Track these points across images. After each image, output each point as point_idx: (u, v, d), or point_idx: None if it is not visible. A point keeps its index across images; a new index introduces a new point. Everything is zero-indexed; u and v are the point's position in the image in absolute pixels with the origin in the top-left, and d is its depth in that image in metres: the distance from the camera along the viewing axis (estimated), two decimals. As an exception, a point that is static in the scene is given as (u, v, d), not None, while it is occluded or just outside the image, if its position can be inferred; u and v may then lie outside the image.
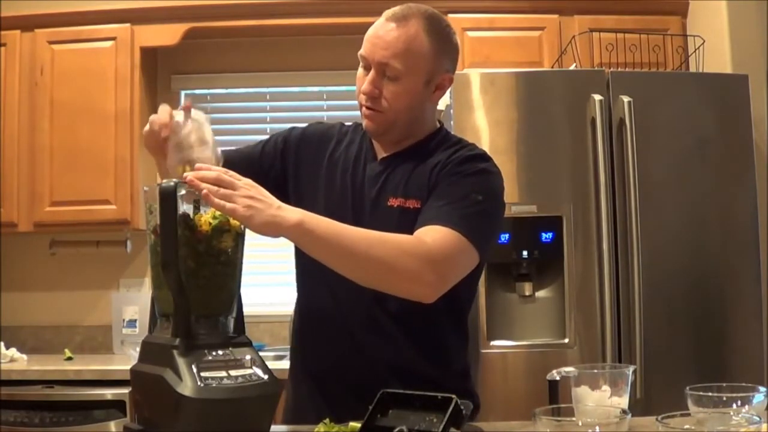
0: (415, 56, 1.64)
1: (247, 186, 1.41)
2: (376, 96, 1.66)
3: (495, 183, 1.69)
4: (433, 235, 1.54)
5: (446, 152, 1.71)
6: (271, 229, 1.40)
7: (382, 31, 1.65)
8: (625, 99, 2.83)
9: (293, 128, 1.87)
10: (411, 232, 1.57)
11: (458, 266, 1.58)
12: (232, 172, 1.41)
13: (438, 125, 1.81)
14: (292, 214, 1.43)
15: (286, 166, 1.81)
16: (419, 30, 1.64)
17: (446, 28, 1.71)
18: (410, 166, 1.72)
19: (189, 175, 1.38)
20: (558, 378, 1.57)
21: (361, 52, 1.68)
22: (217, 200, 1.35)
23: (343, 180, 1.75)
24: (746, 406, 1.29)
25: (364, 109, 1.70)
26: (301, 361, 1.81)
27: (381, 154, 1.77)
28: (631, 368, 1.50)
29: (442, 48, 1.68)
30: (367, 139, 1.80)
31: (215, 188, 1.36)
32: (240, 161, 1.71)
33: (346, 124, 1.89)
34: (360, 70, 1.70)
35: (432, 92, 1.71)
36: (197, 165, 1.42)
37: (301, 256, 1.76)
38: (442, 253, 1.53)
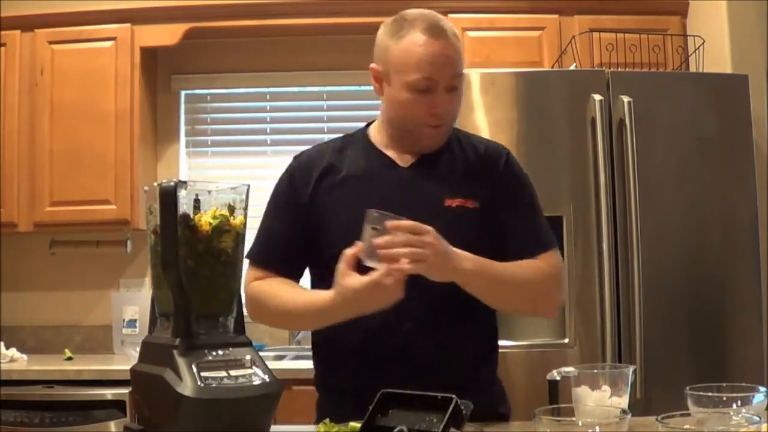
0: (463, 62, 1.74)
1: (433, 238, 1.53)
2: (447, 111, 1.72)
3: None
4: (549, 260, 1.77)
5: (476, 150, 1.80)
6: (447, 278, 1.58)
7: (441, 50, 1.68)
8: (625, 99, 2.83)
9: (281, 179, 1.86)
10: (471, 231, 1.71)
11: (566, 274, 1.89)
12: (417, 225, 1.53)
13: None
14: (464, 263, 1.59)
15: (300, 204, 1.79)
16: (455, 35, 1.72)
17: (450, 23, 1.77)
18: (448, 167, 1.77)
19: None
20: (558, 378, 1.57)
21: (420, 76, 1.67)
22: (408, 266, 1.50)
23: (372, 193, 1.73)
24: (746, 406, 1.29)
25: (428, 129, 1.72)
26: (333, 369, 1.83)
27: (400, 161, 1.77)
28: (631, 368, 1.50)
29: (461, 43, 1.76)
30: (374, 151, 1.79)
31: (407, 250, 1.50)
32: (298, 239, 1.78)
33: (329, 143, 1.87)
34: (408, 95, 1.69)
35: None
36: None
37: (327, 277, 1.71)
38: (562, 272, 1.81)
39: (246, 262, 1.73)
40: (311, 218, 1.77)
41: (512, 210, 1.77)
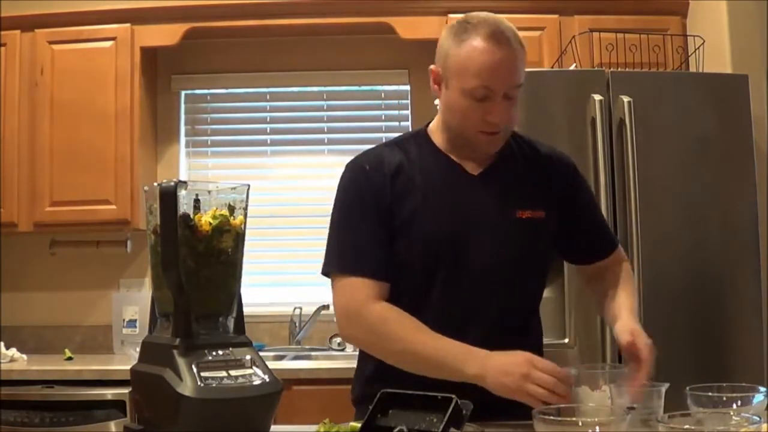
0: (525, 67, 1.73)
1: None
2: (505, 119, 1.70)
3: None
4: (620, 255, 1.92)
5: (542, 158, 1.83)
6: None
7: (503, 58, 1.65)
8: (625, 99, 2.83)
9: (353, 180, 1.76)
10: (540, 242, 1.77)
11: None
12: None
13: None
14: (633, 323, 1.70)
15: (382, 207, 1.72)
16: (517, 45, 1.69)
17: (515, 29, 1.73)
18: (516, 176, 1.78)
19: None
20: None
21: (479, 83, 1.64)
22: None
23: (443, 194, 1.72)
24: (746, 406, 1.29)
25: (484, 136, 1.70)
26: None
27: (470, 168, 1.76)
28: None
29: (525, 50, 1.74)
30: (439, 152, 1.77)
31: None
32: (387, 239, 1.70)
33: (392, 148, 1.79)
34: (466, 101, 1.66)
35: None
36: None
37: (406, 286, 1.71)
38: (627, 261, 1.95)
39: (334, 275, 1.68)
40: (393, 221, 1.70)
41: (582, 216, 1.85)
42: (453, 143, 1.77)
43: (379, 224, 1.69)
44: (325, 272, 1.73)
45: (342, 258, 1.70)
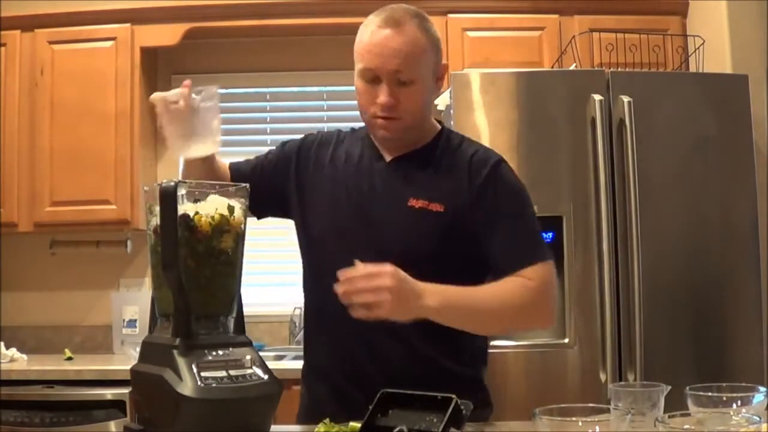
0: (422, 56, 1.68)
1: (391, 282, 1.47)
2: (393, 105, 1.68)
3: (524, 186, 1.80)
4: (534, 274, 1.68)
5: (463, 156, 1.75)
6: (415, 317, 1.53)
7: (383, 40, 1.66)
8: (625, 99, 2.83)
9: (288, 141, 1.93)
10: (430, 234, 1.69)
11: (555, 287, 1.78)
12: (371, 270, 1.49)
13: (437, 124, 1.84)
14: (428, 300, 1.54)
15: (287, 175, 1.85)
16: (415, 30, 1.67)
17: (428, 20, 1.74)
18: (426, 167, 1.75)
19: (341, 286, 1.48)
20: None
21: (365, 65, 1.69)
22: (365, 312, 1.47)
23: (350, 180, 1.78)
24: (746, 406, 1.29)
25: (378, 120, 1.71)
26: (314, 362, 1.82)
27: (387, 155, 1.79)
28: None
29: (434, 40, 1.72)
30: (369, 141, 1.81)
31: (364, 296, 1.47)
32: (250, 172, 1.84)
33: (343, 130, 1.93)
34: (360, 84, 1.72)
35: (436, 83, 1.76)
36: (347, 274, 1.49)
37: (311, 258, 1.81)
38: (548, 286, 1.72)
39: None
40: (294, 188, 1.83)
41: (491, 224, 1.70)
42: None
43: (270, 164, 1.87)
44: None
45: None
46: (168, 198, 1.33)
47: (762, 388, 1.32)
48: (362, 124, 1.84)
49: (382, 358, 1.70)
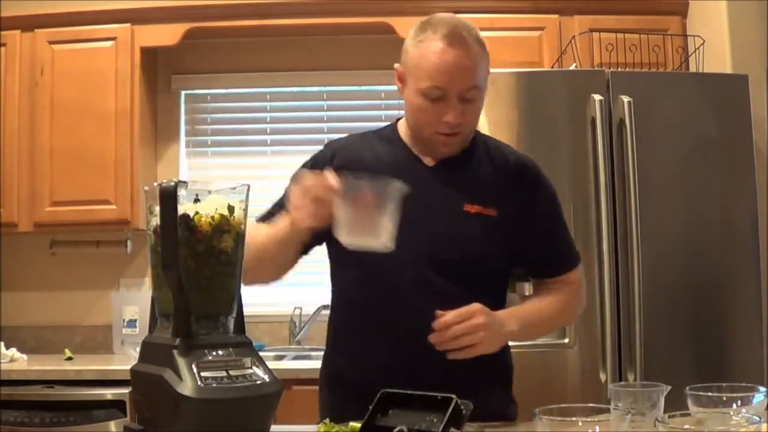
0: (485, 69, 1.72)
1: (483, 319, 1.57)
2: (460, 122, 1.68)
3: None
4: (573, 278, 1.85)
5: (504, 160, 1.79)
6: (502, 344, 1.67)
7: (456, 60, 1.65)
8: (625, 99, 2.83)
9: (318, 155, 1.88)
10: (488, 239, 1.73)
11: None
12: (463, 312, 1.56)
13: None
14: (510, 326, 1.66)
15: None
16: (477, 43, 1.68)
17: (478, 31, 1.73)
18: (470, 172, 1.76)
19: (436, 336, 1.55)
20: None
21: (433, 84, 1.65)
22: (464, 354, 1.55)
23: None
24: (746, 406, 1.29)
25: (441, 137, 1.70)
26: (344, 365, 1.79)
27: (427, 159, 1.77)
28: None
29: (487, 51, 1.74)
30: (402, 143, 1.79)
31: (462, 340, 1.55)
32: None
33: (360, 134, 1.89)
34: (422, 102, 1.68)
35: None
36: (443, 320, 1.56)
37: (358, 272, 1.75)
38: (582, 287, 1.88)
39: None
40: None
41: (535, 228, 1.78)
42: (414, 139, 1.79)
43: None
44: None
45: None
46: (168, 198, 1.33)
47: (762, 388, 1.32)
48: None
49: (435, 359, 1.65)
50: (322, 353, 1.92)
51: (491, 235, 1.73)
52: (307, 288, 3.67)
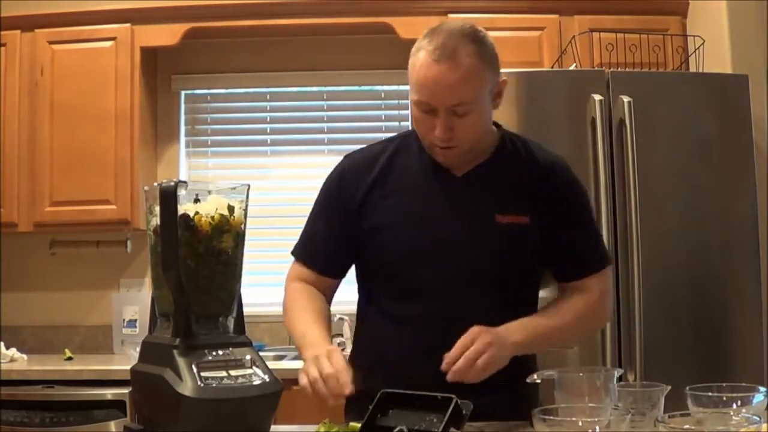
0: (478, 84, 1.61)
1: (488, 338, 1.54)
2: (450, 137, 1.64)
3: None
4: (595, 284, 1.77)
5: (533, 161, 1.76)
6: (511, 356, 1.60)
7: (438, 76, 1.57)
8: (625, 99, 2.83)
9: (330, 178, 1.84)
10: (521, 248, 1.71)
11: (612, 290, 1.89)
12: (465, 341, 1.54)
13: (495, 129, 1.80)
14: (514, 337, 1.61)
15: (349, 224, 1.77)
16: (470, 57, 1.59)
17: (484, 37, 1.64)
18: (499, 179, 1.73)
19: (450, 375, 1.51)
20: (539, 381, 1.56)
21: (419, 98, 1.62)
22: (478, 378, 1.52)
23: (420, 199, 1.72)
24: (746, 406, 1.29)
25: (436, 148, 1.68)
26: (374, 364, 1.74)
27: (455, 170, 1.74)
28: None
29: (491, 60, 1.64)
30: (425, 153, 1.75)
31: (475, 368, 1.52)
32: (343, 241, 1.78)
33: (387, 141, 1.83)
34: (416, 112, 1.65)
35: (494, 101, 1.70)
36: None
37: (386, 286, 1.75)
38: (607, 294, 1.82)
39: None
40: (360, 224, 1.75)
41: (563, 229, 1.73)
42: None
43: (336, 226, 1.78)
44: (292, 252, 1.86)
45: (298, 244, 1.84)
46: (168, 198, 1.33)
47: (762, 388, 1.32)
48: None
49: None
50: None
51: (524, 245, 1.71)
52: (307, 288, 3.68)
